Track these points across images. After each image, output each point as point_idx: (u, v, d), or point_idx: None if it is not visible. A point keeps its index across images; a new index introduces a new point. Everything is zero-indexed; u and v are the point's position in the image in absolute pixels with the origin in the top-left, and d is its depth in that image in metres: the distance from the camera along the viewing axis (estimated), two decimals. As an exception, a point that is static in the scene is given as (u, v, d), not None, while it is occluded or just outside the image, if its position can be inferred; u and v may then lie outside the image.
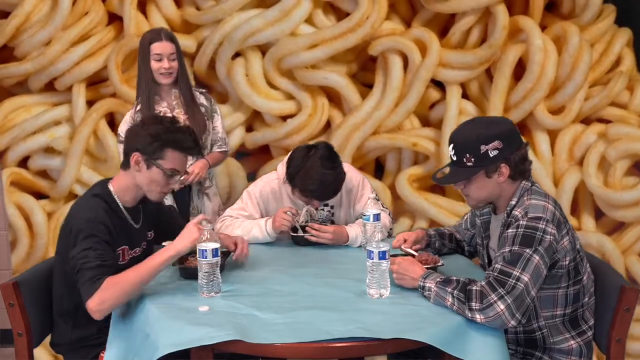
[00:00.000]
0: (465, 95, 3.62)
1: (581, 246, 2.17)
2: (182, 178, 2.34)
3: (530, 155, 2.20)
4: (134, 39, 3.50)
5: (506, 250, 1.99)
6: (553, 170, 3.60)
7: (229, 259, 2.40)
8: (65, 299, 2.30)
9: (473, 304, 1.90)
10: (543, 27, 3.55)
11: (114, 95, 3.58)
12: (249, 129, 3.68)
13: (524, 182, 2.13)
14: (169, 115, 3.05)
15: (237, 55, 3.58)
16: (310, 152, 2.67)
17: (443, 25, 3.62)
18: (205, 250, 2.07)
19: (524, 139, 2.17)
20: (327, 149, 2.71)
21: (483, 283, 1.93)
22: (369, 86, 3.66)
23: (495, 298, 1.89)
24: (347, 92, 3.57)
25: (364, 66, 3.68)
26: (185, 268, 2.25)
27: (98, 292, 2.02)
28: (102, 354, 2.25)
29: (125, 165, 2.29)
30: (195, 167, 3.04)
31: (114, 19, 3.60)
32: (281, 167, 2.80)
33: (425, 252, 2.41)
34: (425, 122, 3.66)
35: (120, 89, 3.51)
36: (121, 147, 3.11)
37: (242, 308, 1.99)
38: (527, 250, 1.96)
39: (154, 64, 3.03)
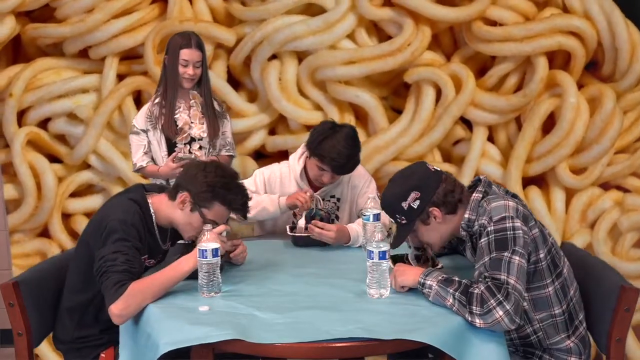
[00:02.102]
0: (490, 138, 3.62)
1: (554, 240, 2.19)
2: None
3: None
4: (175, 23, 3.50)
5: (486, 260, 2.01)
6: (564, 228, 3.60)
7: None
8: (77, 294, 2.30)
9: (474, 307, 1.91)
10: (580, 86, 3.55)
11: (145, 74, 3.57)
12: (272, 132, 3.67)
13: (473, 194, 2.16)
14: (200, 131, 3.14)
15: (273, 57, 3.58)
16: (338, 127, 2.83)
17: (482, 65, 3.62)
18: (205, 251, 2.07)
19: (440, 171, 2.19)
20: (352, 129, 2.85)
21: (483, 288, 1.94)
22: (397, 111, 3.66)
23: (495, 304, 1.90)
24: (375, 113, 3.57)
25: (396, 91, 3.68)
26: None
27: (123, 297, 2.00)
28: (102, 354, 2.25)
29: (172, 197, 2.29)
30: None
31: (159, -2, 3.60)
32: (293, 157, 2.95)
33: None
34: (447, 158, 3.66)
35: (153, 69, 3.50)
36: (133, 137, 3.17)
37: (242, 308, 1.99)
38: (505, 254, 1.99)
39: (180, 68, 3.09)
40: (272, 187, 2.95)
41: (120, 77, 3.59)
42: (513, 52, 3.49)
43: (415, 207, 2.13)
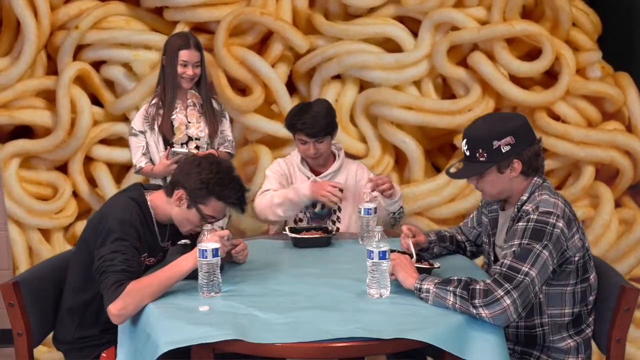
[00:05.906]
0: (515, 225, 3.61)
1: (589, 245, 2.18)
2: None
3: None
4: (255, 12, 3.52)
5: (515, 243, 2.00)
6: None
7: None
8: (78, 293, 2.30)
9: (476, 300, 1.90)
10: (617, 204, 3.56)
11: (210, 51, 3.55)
12: (310, 145, 3.67)
13: (535, 178, 2.15)
14: (193, 127, 3.17)
15: (337, 76, 3.58)
16: (306, 103, 3.10)
17: (531, 153, 3.62)
18: (206, 250, 2.06)
19: (537, 135, 2.19)
20: (320, 99, 3.09)
21: (488, 281, 1.93)
22: (436, 168, 3.67)
23: (502, 293, 1.90)
24: (415, 164, 3.57)
25: (442, 148, 3.68)
26: None
27: (121, 297, 2.00)
28: (103, 354, 2.25)
29: (169, 194, 2.31)
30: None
31: (248, -17, 3.58)
32: (294, 151, 3.11)
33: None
34: (468, 229, 3.65)
35: (220, 52, 3.50)
36: (132, 139, 3.20)
37: (242, 308, 1.99)
38: (537, 246, 1.98)
39: (179, 69, 3.13)
40: (286, 174, 3.06)
41: (185, 46, 3.58)
42: (565, 152, 3.50)
43: (504, 151, 2.09)
